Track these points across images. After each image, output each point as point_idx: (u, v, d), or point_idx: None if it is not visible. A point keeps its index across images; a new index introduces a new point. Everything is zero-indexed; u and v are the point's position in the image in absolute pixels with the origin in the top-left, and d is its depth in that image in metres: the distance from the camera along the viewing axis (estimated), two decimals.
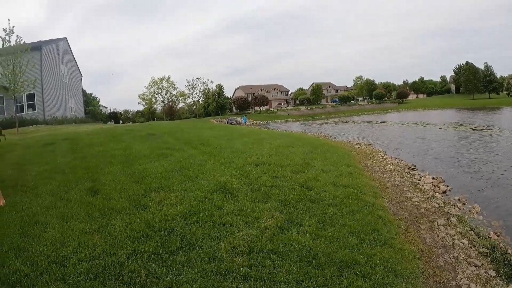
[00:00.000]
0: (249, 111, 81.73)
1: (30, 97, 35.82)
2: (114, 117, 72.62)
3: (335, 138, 21.99)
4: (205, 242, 4.31)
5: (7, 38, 22.53)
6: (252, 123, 55.45)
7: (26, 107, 36.56)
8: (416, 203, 7.34)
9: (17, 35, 23.04)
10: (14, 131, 22.69)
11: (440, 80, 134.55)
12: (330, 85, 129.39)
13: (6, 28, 22.46)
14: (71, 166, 8.46)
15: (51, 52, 40.16)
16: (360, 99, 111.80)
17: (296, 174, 7.77)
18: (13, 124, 26.00)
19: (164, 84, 79.63)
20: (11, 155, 10.15)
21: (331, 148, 13.05)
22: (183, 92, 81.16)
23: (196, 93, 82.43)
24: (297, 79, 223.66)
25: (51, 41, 41.99)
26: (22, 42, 23.34)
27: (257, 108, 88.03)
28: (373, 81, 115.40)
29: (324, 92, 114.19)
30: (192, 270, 3.68)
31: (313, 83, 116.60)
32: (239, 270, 3.69)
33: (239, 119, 58.43)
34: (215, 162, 8.68)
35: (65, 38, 46.60)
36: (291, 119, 68.09)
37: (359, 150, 14.70)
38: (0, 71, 22.96)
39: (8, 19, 26.87)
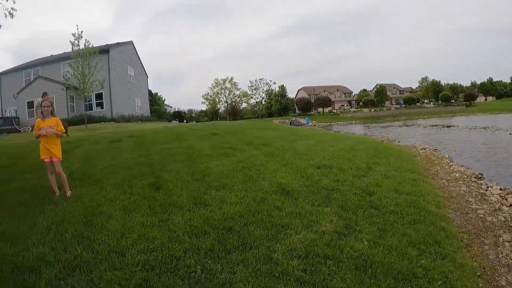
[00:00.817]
0: (311, 112, 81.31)
1: (99, 96, 38.70)
2: (178, 116, 75.43)
3: (398, 142, 21.20)
4: (261, 243, 4.36)
5: (76, 42, 24.69)
6: (315, 125, 55.01)
7: (95, 105, 39.55)
8: (482, 215, 6.89)
9: (86, 39, 25.16)
10: (83, 127, 24.60)
11: (510, 81, 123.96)
12: (394, 86, 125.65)
13: (75, 33, 24.59)
14: (136, 162, 8.95)
15: (118, 55, 43.14)
16: (426, 101, 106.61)
17: (358, 178, 7.62)
18: (82, 121, 28.32)
19: (227, 84, 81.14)
20: (80, 150, 10.90)
21: (395, 152, 12.62)
22: (246, 92, 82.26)
23: (259, 94, 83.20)
24: (360, 80, 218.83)
25: (118, 44, 45.09)
26: (90, 46, 25.25)
27: (319, 109, 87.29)
28: (439, 82, 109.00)
29: (388, 93, 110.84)
30: (246, 270, 3.74)
31: (377, 84, 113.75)
32: (294, 273, 3.69)
33: (302, 120, 58.25)
34: (277, 163, 8.73)
35: (131, 41, 49.94)
36: (354, 121, 66.59)
37: (423, 155, 14.09)
38: (70, 72, 25.13)
39: (77, 25, 29.38)
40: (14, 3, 14.57)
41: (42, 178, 7.55)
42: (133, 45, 50.73)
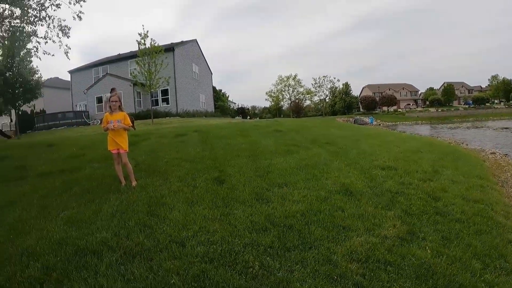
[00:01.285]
0: (376, 111, 79.25)
1: (164, 92, 40.55)
2: (242, 112, 76.50)
3: (467, 145, 19.92)
4: (322, 243, 4.28)
5: (143, 41, 26.26)
6: (379, 124, 53.42)
7: (161, 101, 41.41)
8: None
9: (152, 39, 26.70)
10: (149, 122, 25.93)
11: None
12: (463, 84, 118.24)
13: (141, 33, 26.15)
14: (200, 156, 9.16)
15: (183, 53, 44.87)
16: (496, 101, 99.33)
17: (424, 182, 7.26)
18: (148, 115, 29.95)
19: (291, 82, 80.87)
20: (146, 143, 11.34)
21: (462, 156, 11.88)
22: (309, 90, 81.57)
23: (323, 91, 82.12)
24: (427, 78, 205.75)
25: (182, 42, 46.83)
26: (156, 45, 26.61)
27: (384, 108, 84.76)
28: (511, 81, 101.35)
29: (456, 92, 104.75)
30: (304, 270, 3.69)
31: (444, 83, 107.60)
32: (352, 277, 3.57)
33: (366, 119, 56.92)
34: (340, 163, 8.57)
35: (195, 40, 51.65)
36: (420, 121, 63.58)
37: (493, 160, 13.14)
38: (137, 70, 26.55)
39: (143, 25, 31.45)
40: (81, 6, 15.82)
41: (109, 168, 7.94)
42: (197, 43, 52.39)
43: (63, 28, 16.24)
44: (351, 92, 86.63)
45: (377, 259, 3.97)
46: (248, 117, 71.92)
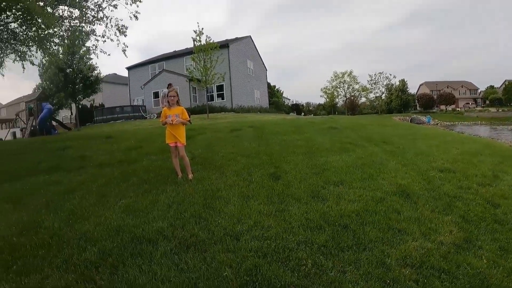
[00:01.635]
0: (433, 110, 76.53)
1: (219, 88, 41.56)
2: (296, 108, 76.35)
3: None
4: (376, 245, 4.20)
5: (198, 38, 26.81)
6: (437, 124, 51.08)
7: (216, 96, 42.38)
8: None
9: (207, 35, 27.20)
10: (205, 116, 26.53)
11: None
12: None
13: (196, 30, 26.78)
14: (255, 151, 9.24)
15: (237, 49, 45.62)
16: None
17: (483, 187, 6.88)
18: (203, 110, 30.81)
19: (346, 78, 79.32)
20: (202, 137, 11.58)
21: None
22: (365, 86, 79.64)
23: (379, 88, 79.77)
24: (488, 76, 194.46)
25: (237, 39, 47.58)
26: (211, 41, 27.16)
27: (442, 107, 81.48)
28: None
29: None
30: (357, 271, 3.63)
31: (505, 81, 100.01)
32: (405, 283, 3.46)
33: (423, 118, 54.73)
34: (397, 163, 8.34)
35: (249, 36, 52.29)
36: (479, 121, 60.12)
37: None
38: (193, 65, 27.23)
39: (197, 22, 32.62)
40: (138, 6, 16.49)
41: (166, 160, 8.19)
42: (252, 40, 52.89)
43: (120, 27, 17.02)
44: (407, 89, 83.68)
45: (431, 266, 3.83)
46: (302, 113, 71.64)
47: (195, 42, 26.86)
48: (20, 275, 3.58)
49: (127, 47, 17.70)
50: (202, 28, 26.69)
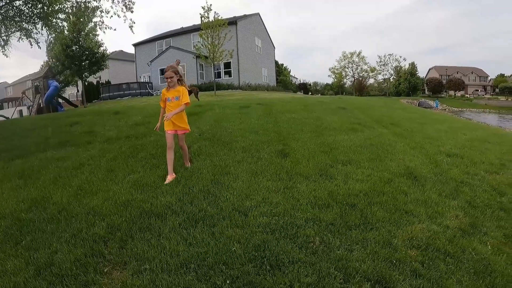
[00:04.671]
0: (442, 95, 76.04)
1: (227, 65, 41.40)
2: (304, 88, 76.26)
3: None
4: (383, 226, 4.22)
5: (206, 14, 26.56)
6: (445, 109, 50.84)
7: (223, 73, 42.37)
8: None
9: (215, 12, 27.06)
10: (212, 93, 26.54)
11: None
12: None
13: (205, 6, 26.47)
14: (264, 128, 9.21)
15: (246, 26, 45.19)
16: None
17: (490, 174, 6.86)
18: (210, 87, 30.91)
19: (355, 58, 78.29)
20: (210, 113, 11.56)
21: None
22: (373, 68, 78.83)
23: (387, 70, 78.84)
24: (498, 64, 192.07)
25: (245, 16, 47.01)
26: (219, 18, 26.95)
27: (451, 92, 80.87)
28: None
29: None
30: (364, 250, 3.64)
31: None
32: (410, 264, 3.48)
33: (431, 103, 54.51)
34: (405, 145, 8.34)
35: (258, 13, 51.58)
36: (488, 109, 59.68)
37: None
38: (201, 42, 27.14)
39: None
40: None
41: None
42: (260, 17, 52.32)
43: (127, 3, 16.94)
44: (417, 73, 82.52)
45: (437, 248, 3.85)
46: (310, 93, 71.49)
47: (202, 18, 26.63)
48: (29, 250, 3.61)
49: (134, 23, 17.64)
50: (211, 4, 26.47)
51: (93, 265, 3.29)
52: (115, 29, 19.09)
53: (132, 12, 17.05)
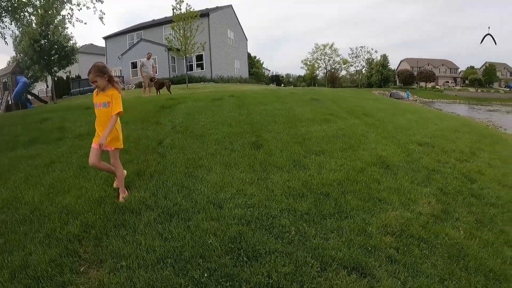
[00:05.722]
0: (413, 86, 77.80)
1: (199, 57, 41.30)
2: (276, 80, 76.69)
3: (505, 130, 19.17)
4: (357, 214, 4.31)
5: (178, 6, 26.42)
6: (416, 100, 52.08)
7: (195, 66, 42.23)
8: None
9: (187, 4, 26.85)
10: (184, 86, 26.30)
11: None
12: (505, 66, 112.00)
13: None
14: (237, 120, 9.16)
15: (218, 18, 45.24)
16: None
17: (460, 162, 7.10)
18: (182, 80, 30.66)
19: (328, 50, 79.26)
20: (183, 106, 11.41)
21: (500, 140, 11.42)
22: (346, 60, 79.77)
23: (359, 62, 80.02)
24: (468, 56, 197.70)
25: (217, 8, 46.94)
26: (191, 10, 26.68)
27: (422, 83, 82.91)
28: None
29: (498, 74, 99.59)
30: (340, 238, 3.71)
31: (486, 62, 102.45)
32: (385, 250, 3.58)
33: (402, 94, 55.81)
34: (377, 135, 8.47)
35: (230, 5, 51.74)
36: (458, 100, 61.73)
37: None
38: (172, 35, 26.85)
39: None
40: None
41: (145, 130, 8.07)
42: (233, 9, 52.30)
43: None
44: (388, 64, 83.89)
45: (411, 235, 3.97)
46: (282, 84, 71.72)
47: (174, 10, 26.40)
48: (2, 253, 3.49)
49: (104, 14, 17.07)
50: None
51: (69, 265, 3.22)
52: (85, 23, 18.62)
53: (102, 3, 16.58)
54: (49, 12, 16.93)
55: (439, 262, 3.51)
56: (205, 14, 39.34)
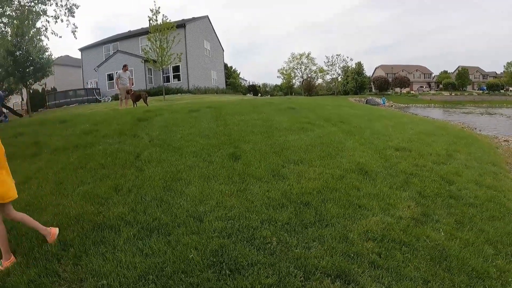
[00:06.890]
0: (388, 92, 78.56)
1: (176, 69, 41.14)
2: (253, 89, 76.85)
3: (480, 131, 19.61)
4: (338, 221, 4.32)
5: (154, 17, 26.38)
6: (392, 105, 52.89)
7: (172, 77, 42.05)
8: None
9: (163, 15, 26.93)
10: (161, 98, 26.17)
11: None
12: (477, 70, 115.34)
13: (153, 9, 26.28)
14: (214, 132, 9.12)
15: (194, 29, 45.16)
16: (511, 88, 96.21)
17: (438, 165, 7.24)
18: (159, 92, 30.50)
19: (304, 60, 79.77)
20: (160, 118, 11.33)
21: (475, 141, 11.73)
22: (322, 68, 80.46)
23: (335, 70, 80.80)
24: (441, 61, 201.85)
25: (194, 19, 47.05)
26: (168, 21, 26.75)
27: (397, 89, 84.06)
28: None
29: (471, 77, 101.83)
30: (322, 246, 3.72)
31: (459, 66, 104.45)
32: (368, 256, 3.61)
33: (378, 100, 56.53)
34: (355, 142, 8.56)
35: (207, 16, 51.74)
36: (433, 104, 62.90)
37: (506, 148, 12.83)
38: (149, 46, 26.64)
39: (154, 1, 31.64)
40: None
41: (123, 143, 7.97)
42: (209, 20, 52.29)
43: (70, 7, 16.28)
44: (363, 72, 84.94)
45: (392, 239, 4.00)
46: (259, 94, 72.06)
47: (151, 21, 26.29)
48: None
49: (77, 27, 16.94)
50: (159, 7, 26.20)
51: (48, 285, 3.15)
52: (60, 36, 18.41)
53: (73, 17, 16.44)
54: (25, 23, 16.67)
55: (421, 265, 3.55)
56: (181, 25, 39.25)
